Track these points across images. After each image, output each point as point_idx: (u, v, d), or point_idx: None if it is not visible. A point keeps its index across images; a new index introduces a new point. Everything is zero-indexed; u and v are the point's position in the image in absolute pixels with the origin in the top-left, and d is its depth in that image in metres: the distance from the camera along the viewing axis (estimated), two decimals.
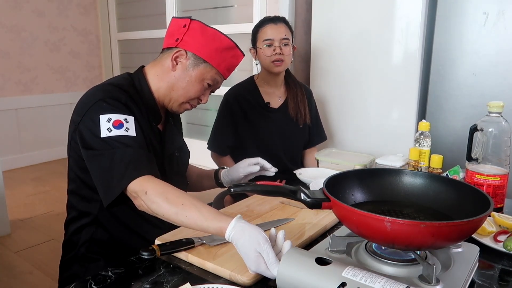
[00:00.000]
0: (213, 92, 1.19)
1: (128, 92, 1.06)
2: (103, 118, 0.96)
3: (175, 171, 1.22)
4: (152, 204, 0.89)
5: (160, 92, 1.13)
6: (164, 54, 1.13)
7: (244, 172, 1.23)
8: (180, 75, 1.10)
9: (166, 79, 1.11)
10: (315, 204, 0.77)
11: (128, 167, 0.92)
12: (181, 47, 1.09)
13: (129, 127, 0.98)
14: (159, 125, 1.16)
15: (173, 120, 1.25)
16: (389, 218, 0.64)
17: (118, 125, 0.96)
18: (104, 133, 0.95)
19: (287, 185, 0.81)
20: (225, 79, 1.17)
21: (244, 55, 1.17)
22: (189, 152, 1.37)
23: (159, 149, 1.14)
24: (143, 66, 1.17)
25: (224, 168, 1.34)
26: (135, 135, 0.98)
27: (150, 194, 0.89)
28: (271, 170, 1.25)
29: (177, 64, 1.10)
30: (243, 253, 0.77)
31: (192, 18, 1.10)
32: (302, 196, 0.78)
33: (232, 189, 0.83)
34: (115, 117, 0.97)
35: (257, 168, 1.23)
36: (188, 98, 1.13)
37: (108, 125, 0.95)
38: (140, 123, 1.04)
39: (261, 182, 0.86)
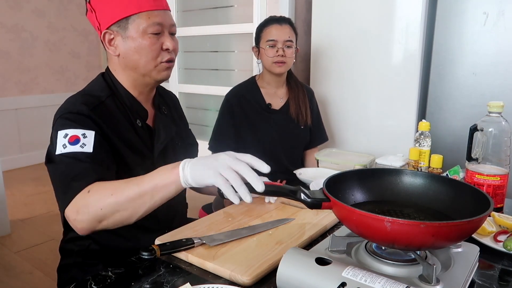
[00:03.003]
0: (173, 33, 1.07)
1: (100, 98, 1.01)
2: (61, 134, 0.92)
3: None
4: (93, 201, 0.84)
5: (131, 81, 1.06)
6: (107, 51, 1.07)
7: None
8: (126, 51, 1.02)
9: (123, 66, 1.05)
10: (315, 204, 0.77)
11: (73, 180, 0.87)
12: (103, 30, 1.02)
13: (86, 143, 0.91)
14: (149, 121, 1.11)
15: (167, 109, 1.20)
16: (389, 218, 0.64)
17: (74, 141, 0.91)
18: (58, 150, 0.90)
19: (287, 185, 0.81)
20: (162, 9, 1.03)
21: None
22: (197, 144, 1.32)
23: (147, 148, 1.09)
24: (106, 68, 1.12)
25: None
26: (91, 151, 0.91)
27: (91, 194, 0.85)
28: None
29: (114, 47, 1.03)
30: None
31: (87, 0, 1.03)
32: (302, 196, 0.78)
33: None
34: (72, 132, 0.92)
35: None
36: (152, 58, 1.03)
37: (64, 141, 0.91)
38: (111, 132, 0.98)
39: None
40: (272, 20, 1.70)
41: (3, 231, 2.53)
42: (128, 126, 1.04)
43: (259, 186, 0.73)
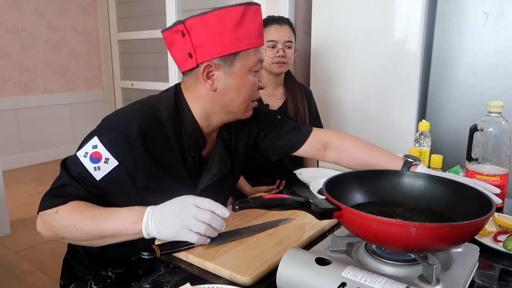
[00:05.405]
0: (262, 68, 1.03)
1: (160, 119, 0.94)
2: (93, 141, 0.89)
3: (220, 196, 1.09)
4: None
5: (208, 113, 0.98)
6: (190, 77, 0.97)
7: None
8: (224, 87, 0.94)
9: (214, 100, 0.96)
10: (325, 214, 0.74)
11: (58, 194, 0.89)
12: (202, 61, 0.92)
13: (102, 168, 0.88)
14: (204, 150, 1.03)
15: (231, 139, 1.09)
16: (415, 223, 0.63)
17: (95, 158, 0.87)
18: (80, 153, 0.88)
19: (294, 197, 0.78)
20: (262, 45, 0.99)
21: (259, 5, 0.97)
22: (239, 172, 1.21)
23: (192, 180, 1.01)
24: (179, 84, 1.02)
25: None
26: (98, 179, 0.88)
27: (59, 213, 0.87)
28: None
29: (212, 81, 0.94)
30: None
31: (181, 20, 0.94)
32: (312, 207, 0.75)
33: (237, 207, 0.76)
34: (101, 149, 0.88)
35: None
36: (248, 98, 0.97)
37: (90, 151, 0.88)
38: (152, 161, 0.92)
39: (268, 196, 0.80)
40: (271, 20, 1.69)
41: (3, 231, 2.53)
42: (177, 155, 0.97)
43: (223, 224, 0.82)
